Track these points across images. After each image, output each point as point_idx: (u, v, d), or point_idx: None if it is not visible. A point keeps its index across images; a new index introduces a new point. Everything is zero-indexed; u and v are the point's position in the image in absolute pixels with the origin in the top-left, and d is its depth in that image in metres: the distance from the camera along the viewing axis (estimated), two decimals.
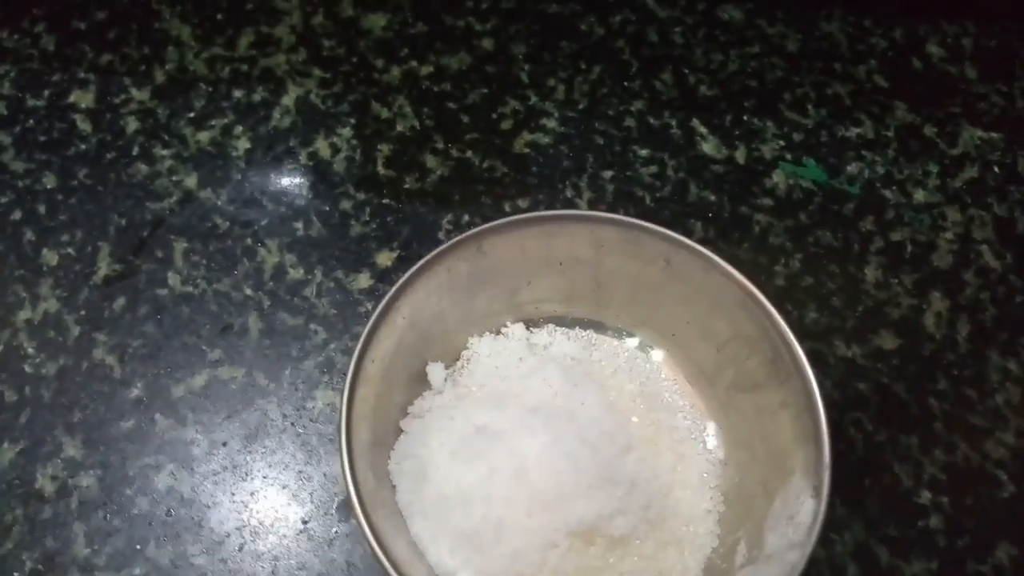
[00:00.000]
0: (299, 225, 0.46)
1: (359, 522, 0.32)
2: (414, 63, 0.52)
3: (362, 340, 0.35)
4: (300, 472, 0.39)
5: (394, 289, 0.36)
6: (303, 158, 0.48)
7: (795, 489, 0.34)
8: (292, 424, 0.40)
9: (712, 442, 0.39)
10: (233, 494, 0.38)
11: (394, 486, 0.36)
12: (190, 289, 0.43)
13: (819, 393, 0.34)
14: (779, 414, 0.36)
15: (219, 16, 0.53)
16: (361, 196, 0.47)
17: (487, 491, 0.35)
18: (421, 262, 0.36)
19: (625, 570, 0.35)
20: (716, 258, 0.38)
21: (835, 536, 0.39)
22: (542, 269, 0.40)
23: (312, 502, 0.38)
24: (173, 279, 0.43)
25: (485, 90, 0.51)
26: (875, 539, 0.39)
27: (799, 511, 0.33)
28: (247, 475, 0.39)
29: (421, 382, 0.39)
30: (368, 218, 0.46)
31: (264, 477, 0.39)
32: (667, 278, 0.39)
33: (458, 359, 0.41)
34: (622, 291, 0.41)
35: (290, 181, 0.47)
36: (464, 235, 0.37)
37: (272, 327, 0.42)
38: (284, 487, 0.39)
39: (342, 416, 0.33)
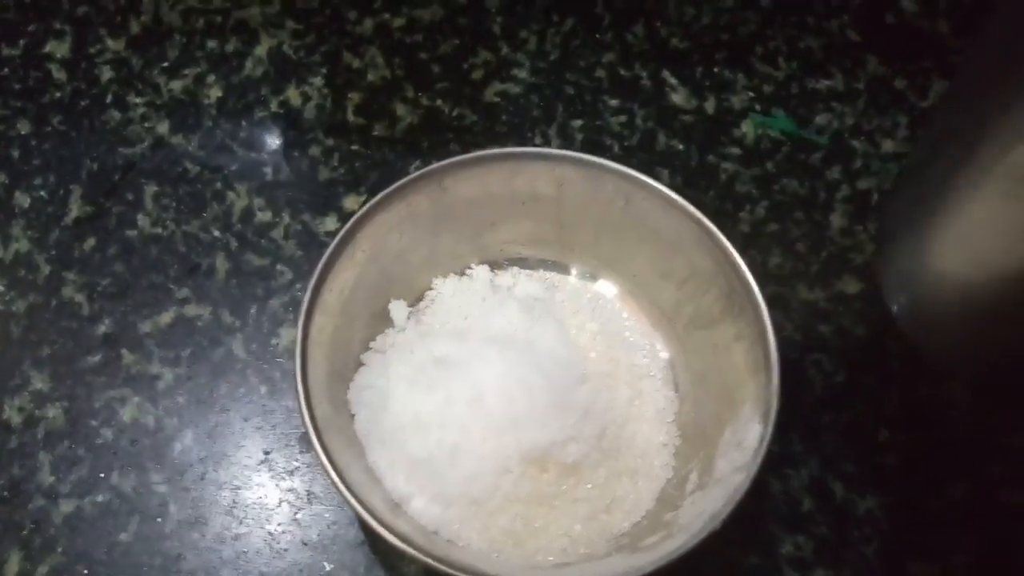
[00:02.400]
0: (268, 170, 0.46)
1: (313, 445, 0.33)
2: (387, 15, 0.52)
3: (319, 269, 0.36)
4: (264, 406, 0.40)
5: (352, 220, 0.37)
6: (274, 106, 0.49)
7: (745, 417, 0.35)
8: (256, 359, 0.41)
9: (670, 379, 0.40)
10: (197, 426, 0.39)
11: (352, 415, 0.37)
12: (159, 231, 0.44)
13: (770, 323, 0.35)
14: (733, 347, 0.37)
15: None
16: (330, 142, 0.48)
17: (443, 418, 0.36)
18: (380, 195, 0.37)
19: (578, 496, 0.36)
20: (673, 195, 0.38)
21: (791, 471, 0.40)
22: (506, 209, 0.41)
23: (274, 434, 0.39)
24: (143, 221, 0.44)
25: (457, 41, 0.52)
26: (831, 474, 0.40)
27: (747, 436, 0.34)
28: (211, 408, 0.40)
29: (384, 320, 0.40)
30: (337, 163, 0.47)
31: (227, 411, 0.40)
32: (627, 217, 0.40)
33: (422, 299, 0.42)
34: (585, 232, 0.42)
35: (261, 128, 0.48)
36: (425, 170, 0.38)
37: (239, 267, 0.43)
38: (246, 420, 0.40)
39: (298, 341, 0.34)
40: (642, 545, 0.35)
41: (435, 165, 0.38)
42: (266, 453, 0.39)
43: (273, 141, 0.48)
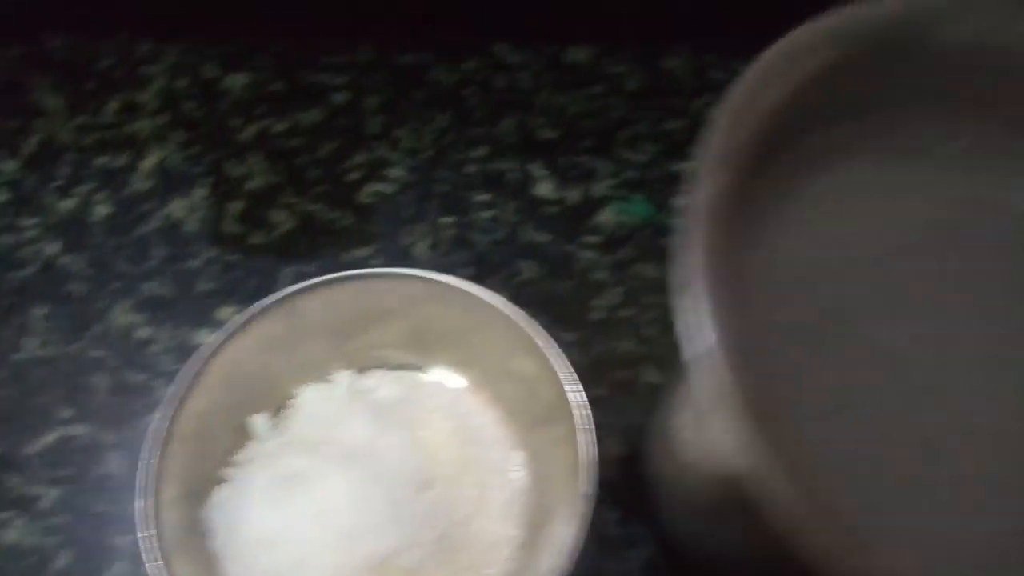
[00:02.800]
0: (150, 286, 0.50)
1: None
2: (270, 120, 0.55)
3: (175, 403, 0.39)
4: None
5: (205, 354, 0.40)
6: (159, 220, 0.52)
7: (564, 517, 0.38)
8: (134, 476, 0.44)
9: (519, 473, 0.43)
10: (75, 545, 0.42)
11: (210, 533, 0.40)
12: (45, 352, 0.47)
13: (585, 428, 0.38)
14: (562, 446, 0.40)
15: (88, 85, 0.57)
16: (211, 254, 0.51)
17: (289, 533, 0.38)
18: (231, 328, 0.40)
19: None
20: (501, 307, 0.41)
21: (631, 552, 0.43)
22: (360, 322, 0.44)
23: None
24: (30, 343, 0.47)
25: (336, 143, 0.55)
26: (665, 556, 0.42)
27: (561, 538, 0.37)
28: (88, 527, 0.43)
29: (247, 433, 0.43)
30: (216, 274, 0.50)
31: (103, 528, 0.43)
32: (474, 323, 0.43)
33: (285, 407, 0.44)
34: (440, 336, 0.45)
35: (145, 243, 0.51)
36: (276, 297, 0.41)
37: (119, 385, 0.46)
38: (123, 536, 0.43)
39: (143, 475, 0.37)
40: None
41: (286, 291, 0.41)
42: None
43: (157, 256, 0.51)
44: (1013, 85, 0.26)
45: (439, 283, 0.42)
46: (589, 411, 0.39)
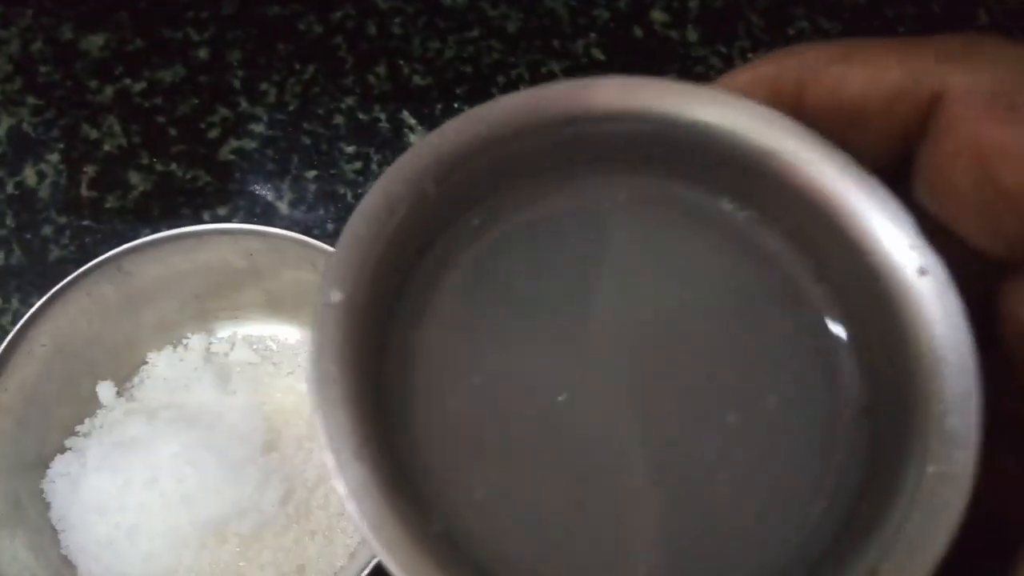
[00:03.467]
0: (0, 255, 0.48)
1: None
2: (128, 80, 0.53)
3: None
4: None
5: (20, 323, 0.38)
6: (10, 188, 0.50)
7: None
8: None
9: None
10: None
11: (49, 503, 0.39)
12: None
13: None
14: None
15: None
16: (63, 220, 0.49)
17: (122, 500, 0.37)
18: (50, 292, 0.39)
19: (264, 562, 0.38)
20: None
21: None
22: (203, 281, 0.43)
23: None
24: None
25: (196, 101, 0.53)
26: None
27: None
28: None
29: (95, 402, 0.42)
30: (67, 241, 0.48)
31: None
32: (318, 279, 0.42)
33: (137, 374, 0.43)
34: (288, 294, 0.43)
35: None
36: (98, 260, 0.40)
37: None
38: None
39: None
40: None
41: (110, 253, 0.40)
42: None
43: (7, 224, 0.49)
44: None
45: (284, 239, 0.41)
46: None
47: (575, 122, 0.27)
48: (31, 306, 0.45)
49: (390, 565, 0.21)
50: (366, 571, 0.34)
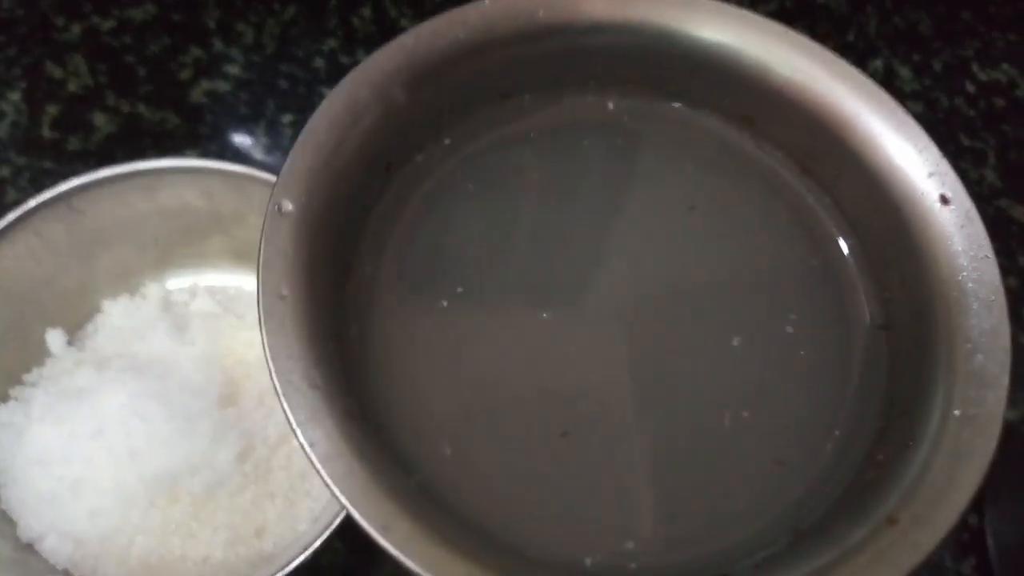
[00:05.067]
0: None
1: None
2: (96, 18, 0.51)
3: None
4: None
5: None
6: None
7: None
8: None
9: None
10: None
11: None
12: None
13: None
14: None
15: None
16: (22, 161, 0.47)
17: (67, 452, 0.35)
18: None
19: (219, 523, 0.36)
20: None
21: None
22: (162, 224, 0.40)
23: None
24: None
25: (168, 40, 0.50)
26: None
27: None
28: None
29: (44, 350, 0.39)
30: (26, 183, 0.46)
31: None
32: None
33: (91, 323, 0.41)
34: (253, 241, 0.41)
35: None
36: (47, 195, 0.37)
37: None
38: None
39: None
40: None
41: (60, 188, 0.37)
42: None
43: None
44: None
45: (248, 178, 0.38)
46: None
47: (564, 31, 0.24)
48: None
49: (339, 495, 0.19)
50: (328, 531, 0.32)
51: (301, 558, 0.32)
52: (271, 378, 0.21)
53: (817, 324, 0.26)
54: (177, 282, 0.42)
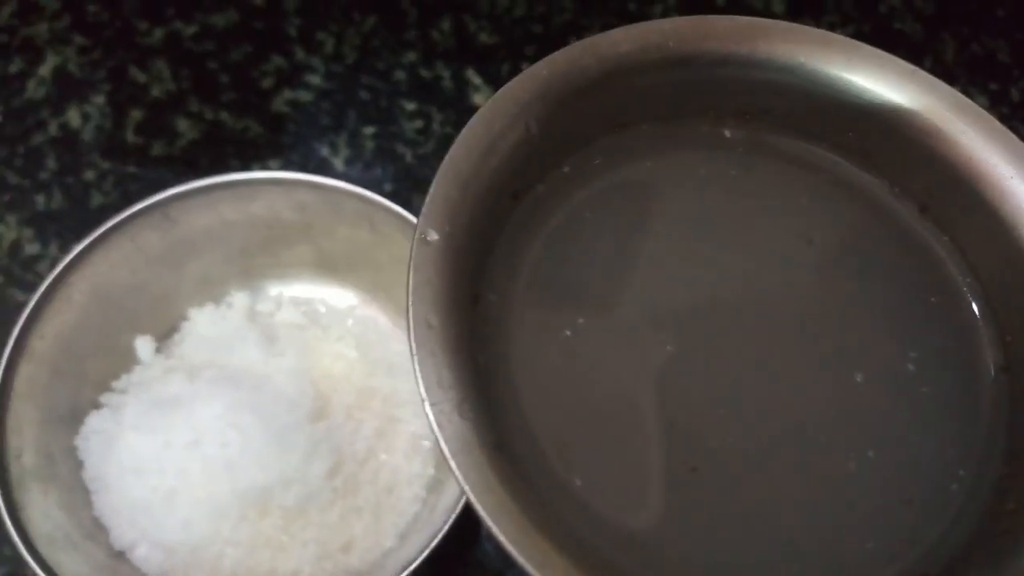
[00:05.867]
0: (40, 198, 0.46)
1: None
2: (179, 24, 0.51)
3: (23, 318, 0.35)
4: None
5: (61, 266, 0.36)
6: (53, 129, 0.48)
7: None
8: None
9: None
10: None
11: (82, 461, 0.37)
12: None
13: None
14: None
15: None
16: (107, 165, 0.47)
17: (160, 462, 0.35)
18: (93, 235, 0.37)
19: (308, 538, 0.36)
20: (412, 218, 0.37)
21: None
22: (252, 235, 0.40)
23: None
24: None
25: (250, 48, 0.51)
26: None
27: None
28: None
29: (132, 356, 0.40)
30: (110, 187, 0.46)
31: None
32: (376, 239, 0.39)
33: (178, 330, 0.41)
34: (350, 257, 0.41)
35: (37, 154, 0.47)
36: (144, 204, 0.38)
37: (3, 302, 0.43)
38: None
39: None
40: None
41: (156, 197, 0.38)
42: None
43: (48, 167, 0.47)
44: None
45: (342, 192, 0.38)
46: None
47: (691, 63, 0.24)
48: (70, 253, 0.43)
49: (497, 532, 0.19)
50: (425, 554, 0.32)
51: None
52: (424, 409, 0.21)
53: (938, 362, 0.26)
54: (263, 292, 0.42)
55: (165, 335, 0.41)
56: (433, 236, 0.23)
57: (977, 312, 0.26)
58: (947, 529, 0.23)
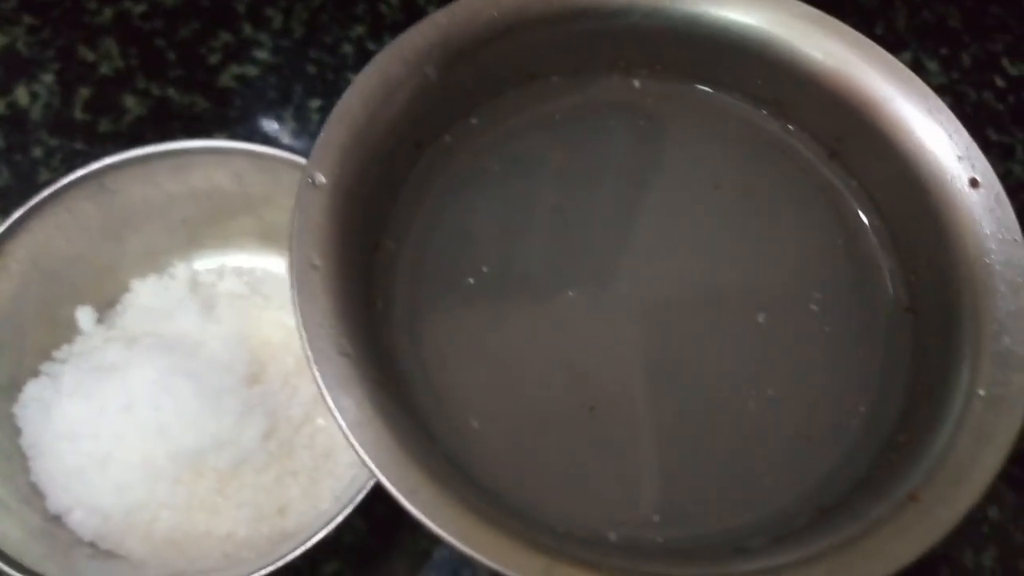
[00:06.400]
0: None
1: None
2: (128, 3, 0.52)
3: None
4: None
5: None
6: (1, 108, 0.49)
7: None
8: None
9: None
10: None
11: (20, 429, 0.37)
12: None
13: None
14: None
15: None
16: (54, 142, 0.47)
17: (95, 427, 0.36)
18: (28, 205, 0.37)
19: (243, 501, 0.36)
20: None
21: None
22: (192, 205, 0.41)
23: None
24: None
25: (197, 25, 0.51)
26: None
27: None
28: None
29: (74, 327, 0.40)
30: (58, 164, 0.47)
31: None
32: None
33: (120, 302, 0.41)
34: (283, 224, 0.41)
35: None
36: (79, 173, 0.38)
37: None
38: None
39: None
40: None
41: (92, 167, 0.38)
42: None
43: None
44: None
45: (278, 160, 0.39)
46: None
47: (595, 13, 0.24)
48: (4, 223, 0.44)
49: (368, 462, 0.19)
50: (350, 508, 0.32)
51: (322, 534, 0.32)
52: (302, 345, 0.21)
53: (842, 303, 0.26)
54: (205, 263, 0.43)
55: (107, 306, 0.41)
56: (321, 179, 0.23)
57: (882, 253, 0.26)
58: (844, 462, 0.24)
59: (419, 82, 0.25)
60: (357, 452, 0.19)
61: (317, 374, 0.20)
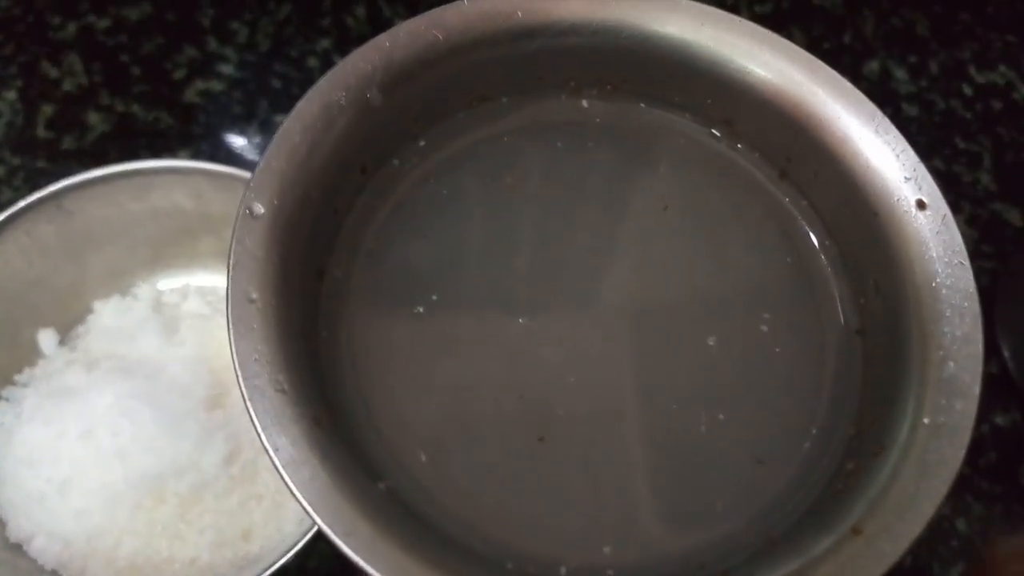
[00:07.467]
0: None
1: None
2: (92, 17, 0.51)
3: None
4: None
5: None
6: None
7: None
8: None
9: None
10: None
11: None
12: None
13: None
14: None
15: None
16: (17, 161, 0.47)
17: (55, 452, 0.36)
18: None
19: (205, 526, 0.36)
20: None
21: None
22: (153, 225, 0.40)
23: None
24: None
25: (162, 40, 0.51)
26: None
27: None
28: None
29: (36, 350, 0.40)
30: (21, 183, 0.46)
31: None
32: None
33: (83, 323, 0.41)
34: None
35: None
36: (37, 196, 0.38)
37: None
38: None
39: None
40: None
41: (48, 189, 0.38)
42: None
43: None
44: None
45: (236, 178, 0.39)
46: None
47: (542, 33, 0.24)
48: None
49: (301, 499, 0.19)
50: (311, 533, 0.32)
51: (285, 559, 0.32)
52: (238, 383, 0.21)
53: (793, 324, 0.26)
54: (169, 282, 0.42)
55: (70, 327, 0.41)
56: (259, 210, 0.23)
57: (832, 274, 0.26)
58: (794, 488, 0.23)
59: (362, 106, 0.24)
60: (292, 492, 0.19)
61: (252, 412, 0.20)
